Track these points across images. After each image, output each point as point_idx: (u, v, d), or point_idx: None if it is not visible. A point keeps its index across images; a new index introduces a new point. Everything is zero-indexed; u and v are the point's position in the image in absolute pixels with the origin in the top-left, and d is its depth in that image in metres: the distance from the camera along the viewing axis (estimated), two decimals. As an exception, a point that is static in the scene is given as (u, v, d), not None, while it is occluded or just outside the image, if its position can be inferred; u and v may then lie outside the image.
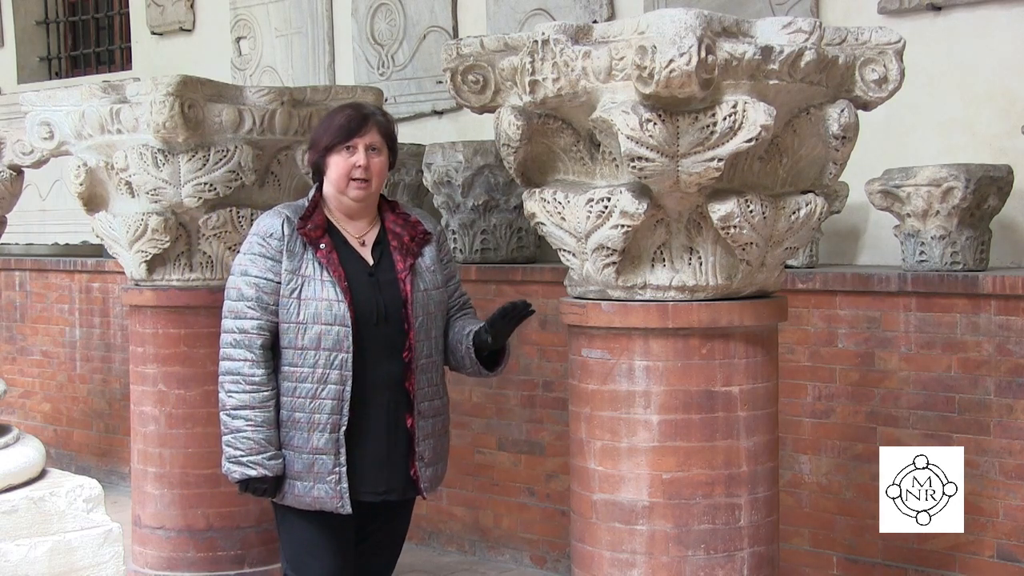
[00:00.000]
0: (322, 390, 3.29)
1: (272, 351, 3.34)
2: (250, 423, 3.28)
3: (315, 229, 3.35)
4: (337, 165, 3.35)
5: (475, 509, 5.58)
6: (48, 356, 7.66)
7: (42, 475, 3.21)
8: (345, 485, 3.30)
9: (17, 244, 8.22)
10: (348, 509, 3.32)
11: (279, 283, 3.31)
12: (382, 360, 3.33)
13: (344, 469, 3.30)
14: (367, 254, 3.41)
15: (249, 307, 3.32)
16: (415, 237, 3.45)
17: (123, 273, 5.25)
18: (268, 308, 3.32)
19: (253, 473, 3.29)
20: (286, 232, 3.33)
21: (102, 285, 7.26)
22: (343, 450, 3.30)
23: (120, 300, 5.71)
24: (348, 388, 3.29)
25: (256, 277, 3.32)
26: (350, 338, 3.28)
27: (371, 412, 3.33)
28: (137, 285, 4.85)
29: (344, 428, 3.29)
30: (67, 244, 8.12)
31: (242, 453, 3.29)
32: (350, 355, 3.28)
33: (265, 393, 3.30)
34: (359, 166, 3.34)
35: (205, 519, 4.76)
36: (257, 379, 3.29)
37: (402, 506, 3.54)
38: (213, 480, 4.66)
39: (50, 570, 2.97)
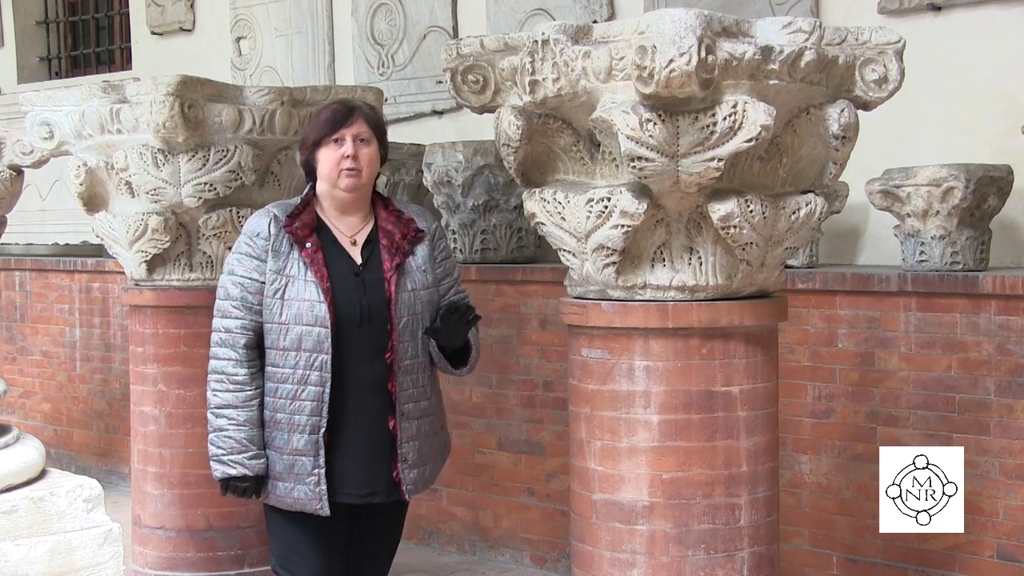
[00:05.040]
0: (302, 391, 3.28)
1: (258, 351, 3.34)
2: (232, 422, 3.30)
3: (303, 228, 3.34)
4: (327, 158, 3.34)
5: (475, 509, 5.58)
6: (48, 356, 7.66)
7: (42, 475, 3.21)
8: (324, 487, 3.29)
9: (17, 244, 8.22)
10: (327, 511, 3.31)
11: (263, 283, 3.31)
12: (365, 361, 3.31)
13: (323, 471, 3.29)
14: (356, 253, 3.38)
15: (234, 306, 3.33)
16: (407, 235, 3.41)
17: (123, 273, 5.25)
18: (252, 308, 3.32)
19: (233, 472, 3.31)
20: (272, 231, 3.33)
21: (102, 285, 7.26)
22: (322, 452, 3.29)
23: (120, 300, 5.71)
24: (327, 390, 3.27)
25: (241, 276, 3.33)
26: (329, 340, 3.26)
27: (352, 414, 3.32)
28: (137, 285, 4.85)
29: (323, 430, 3.28)
30: (67, 244, 8.12)
31: (223, 452, 3.31)
32: (329, 356, 3.26)
33: (248, 392, 3.31)
34: (347, 155, 3.31)
35: (205, 519, 4.76)
36: (240, 378, 3.30)
37: (393, 510, 3.50)
38: (213, 480, 4.65)
39: (50, 570, 2.97)
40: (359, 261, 3.37)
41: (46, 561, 2.97)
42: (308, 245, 3.32)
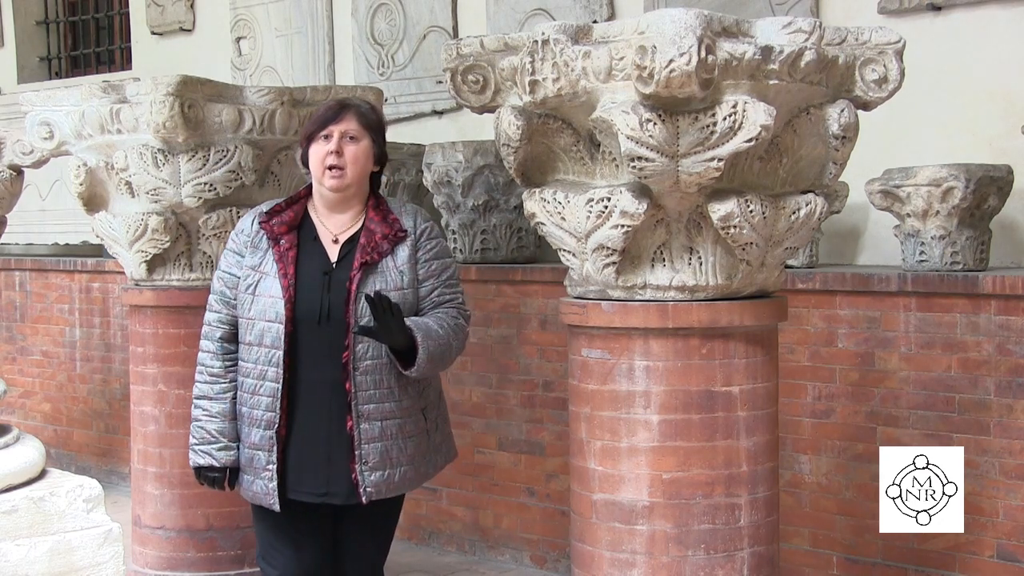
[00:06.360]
0: (260, 386, 3.34)
1: (237, 344, 3.42)
2: (206, 413, 3.40)
3: (280, 225, 3.38)
4: (315, 154, 3.36)
5: (475, 509, 5.58)
6: (48, 356, 7.66)
7: (42, 475, 3.21)
8: (275, 483, 3.32)
9: (17, 244, 8.22)
10: (277, 507, 3.34)
11: (239, 278, 3.39)
12: (323, 360, 3.31)
13: (275, 467, 3.32)
14: (335, 252, 3.38)
15: (215, 300, 3.45)
16: (388, 235, 3.36)
17: (123, 273, 5.25)
18: (229, 302, 3.42)
19: (202, 462, 3.41)
20: (254, 228, 3.40)
21: (102, 285, 7.26)
22: (275, 448, 3.32)
23: (120, 300, 5.71)
24: (281, 386, 3.31)
25: (223, 271, 3.44)
26: (283, 336, 3.30)
27: (310, 412, 3.33)
28: (137, 285, 4.85)
29: (278, 426, 3.32)
30: (67, 244, 8.12)
31: (196, 441, 3.42)
32: (282, 353, 3.30)
33: (222, 385, 3.40)
34: (331, 152, 3.31)
35: (205, 519, 4.76)
36: (215, 370, 3.41)
37: (382, 508, 3.45)
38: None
39: (50, 570, 2.97)
40: (334, 259, 3.37)
41: (46, 561, 2.97)
42: (282, 242, 3.36)
